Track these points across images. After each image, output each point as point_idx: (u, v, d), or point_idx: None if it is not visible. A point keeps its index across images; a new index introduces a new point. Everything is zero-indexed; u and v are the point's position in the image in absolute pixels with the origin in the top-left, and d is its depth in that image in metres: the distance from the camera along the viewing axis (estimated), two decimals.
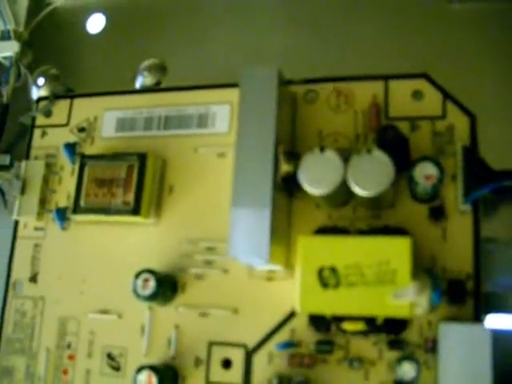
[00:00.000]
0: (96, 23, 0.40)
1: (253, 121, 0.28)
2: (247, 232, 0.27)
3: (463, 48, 0.32)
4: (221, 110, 0.33)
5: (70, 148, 0.34)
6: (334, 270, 0.26)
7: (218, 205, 0.32)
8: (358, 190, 0.26)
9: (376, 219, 0.29)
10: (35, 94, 0.38)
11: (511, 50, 0.32)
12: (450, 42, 0.33)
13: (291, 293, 0.27)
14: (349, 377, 0.28)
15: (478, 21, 0.33)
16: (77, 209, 0.32)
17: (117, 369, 0.31)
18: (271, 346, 0.29)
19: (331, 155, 0.27)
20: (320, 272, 0.26)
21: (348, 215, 0.30)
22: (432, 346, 0.27)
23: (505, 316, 0.28)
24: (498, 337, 0.28)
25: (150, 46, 0.38)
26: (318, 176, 0.27)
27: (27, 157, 0.36)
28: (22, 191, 0.35)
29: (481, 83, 0.31)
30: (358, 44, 0.34)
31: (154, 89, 0.36)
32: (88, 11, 0.40)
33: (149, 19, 0.39)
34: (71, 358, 0.32)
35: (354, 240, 0.27)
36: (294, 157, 0.28)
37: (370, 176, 0.26)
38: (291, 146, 0.31)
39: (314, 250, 0.27)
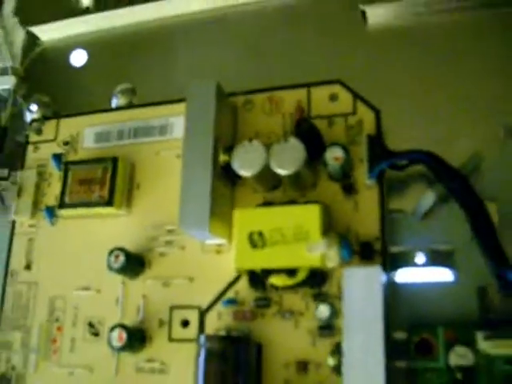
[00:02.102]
0: (79, 58, 0.49)
1: (196, 123, 0.35)
2: (193, 209, 0.34)
3: (374, 58, 0.40)
4: (177, 121, 0.40)
5: (57, 158, 0.42)
6: (261, 233, 0.33)
7: (176, 196, 0.38)
8: (279, 170, 0.33)
9: (302, 198, 0.36)
10: (29, 117, 0.46)
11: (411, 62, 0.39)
12: (361, 54, 0.40)
13: None
14: (282, 326, 0.34)
15: (390, 39, 0.41)
16: (62, 204, 0.39)
17: (96, 334, 0.37)
18: (220, 305, 0.35)
19: (257, 144, 0.34)
20: (250, 236, 0.33)
21: (280, 196, 0.36)
22: None
23: (410, 269, 0.34)
24: (405, 289, 0.34)
25: (122, 73, 0.46)
26: (247, 161, 0.34)
27: (22, 167, 0.43)
28: (18, 195, 0.42)
29: (386, 87, 0.39)
30: (286, 58, 0.42)
31: (124, 107, 0.43)
32: (72, 48, 0.49)
33: (122, 51, 0.47)
34: (59, 329, 0.38)
35: (275, 209, 0.33)
36: (230, 149, 0.35)
37: (287, 158, 0.33)
38: (233, 144, 0.38)
39: (246, 219, 0.33)
